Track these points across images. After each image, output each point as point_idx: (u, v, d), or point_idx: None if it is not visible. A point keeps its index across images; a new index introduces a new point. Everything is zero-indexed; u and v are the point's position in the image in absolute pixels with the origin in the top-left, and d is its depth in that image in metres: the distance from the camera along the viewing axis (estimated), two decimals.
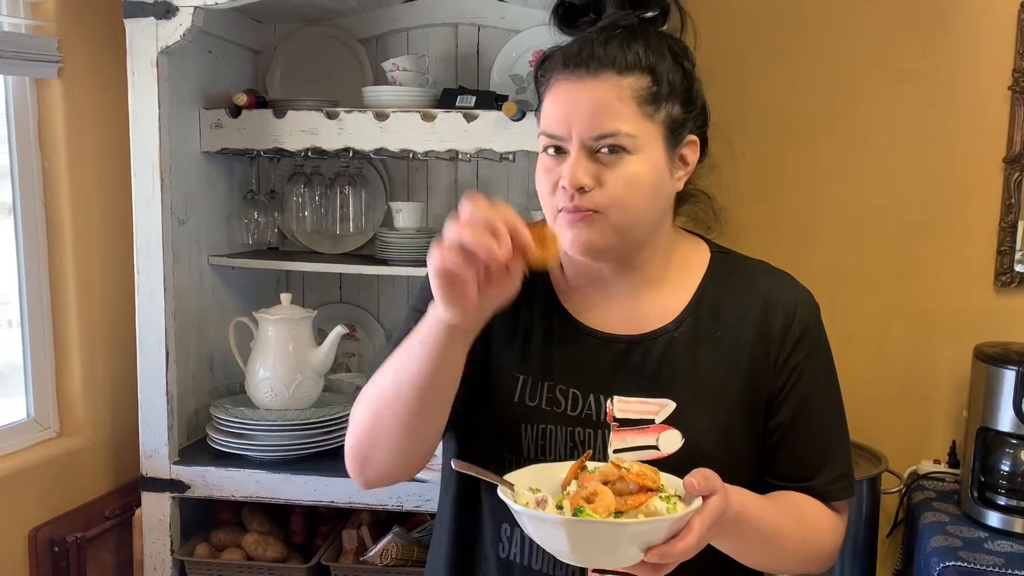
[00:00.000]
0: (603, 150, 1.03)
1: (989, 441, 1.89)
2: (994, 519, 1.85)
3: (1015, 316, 2.13)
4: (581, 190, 1.02)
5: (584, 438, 1.10)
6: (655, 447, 1.08)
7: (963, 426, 2.00)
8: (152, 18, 1.80)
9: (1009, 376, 1.83)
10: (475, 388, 1.11)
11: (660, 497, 0.94)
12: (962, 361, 2.02)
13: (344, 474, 1.17)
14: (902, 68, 2.16)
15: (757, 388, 1.11)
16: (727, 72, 2.21)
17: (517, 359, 1.12)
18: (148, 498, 1.93)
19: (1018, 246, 2.14)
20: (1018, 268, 2.13)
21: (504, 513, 1.12)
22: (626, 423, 1.09)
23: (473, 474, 1.00)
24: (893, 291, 2.22)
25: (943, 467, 2.15)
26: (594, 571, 1.08)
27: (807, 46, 2.20)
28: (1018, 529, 1.82)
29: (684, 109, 1.09)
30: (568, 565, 1.08)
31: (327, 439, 1.96)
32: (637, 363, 1.11)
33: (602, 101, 1.02)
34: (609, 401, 1.10)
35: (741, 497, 1.00)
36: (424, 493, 1.83)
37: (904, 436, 2.21)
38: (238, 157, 2.16)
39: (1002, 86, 2.09)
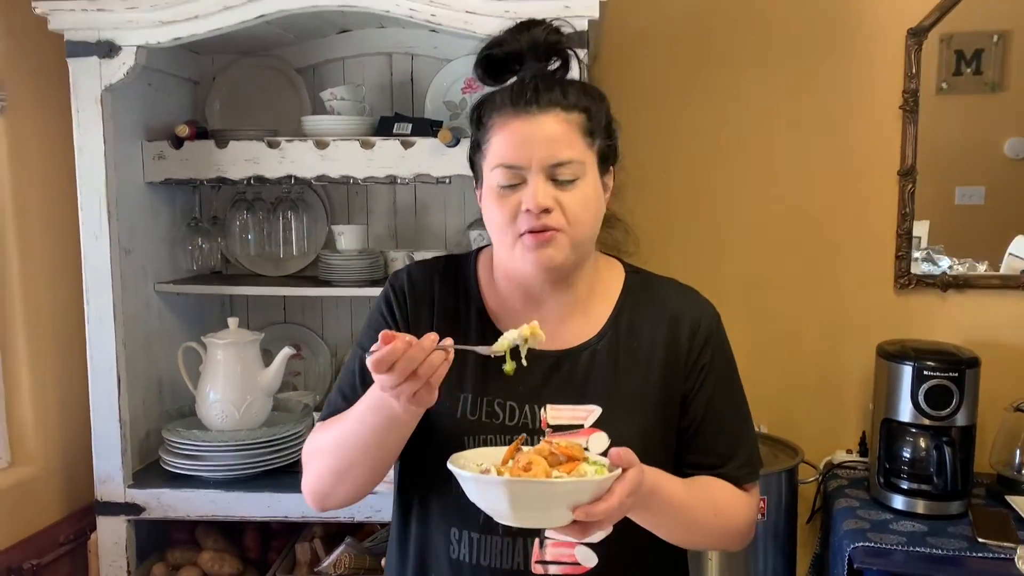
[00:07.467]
0: (560, 175, 1.16)
1: (892, 431, 2.06)
2: (898, 502, 2.02)
3: (914, 315, 2.32)
4: (545, 211, 1.16)
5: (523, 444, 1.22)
6: (585, 448, 1.20)
7: (870, 418, 2.17)
8: (95, 57, 1.86)
9: (907, 371, 2.00)
10: None
11: (588, 462, 1.07)
12: (868, 358, 2.19)
13: (296, 490, 1.28)
14: (804, 90, 2.33)
15: (671, 392, 1.26)
16: (644, 97, 2.37)
17: (456, 379, 1.23)
18: (103, 522, 1.98)
19: (913, 251, 2.33)
20: (914, 271, 2.32)
21: (453, 518, 1.23)
22: (559, 428, 1.22)
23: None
24: (803, 296, 2.39)
25: (855, 456, 2.33)
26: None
27: (716, 71, 2.36)
28: (920, 510, 1.99)
29: (607, 142, 1.24)
30: (511, 557, 1.21)
31: (278, 457, 2.03)
32: (565, 374, 1.24)
33: (557, 132, 1.17)
34: (543, 409, 1.22)
35: (655, 476, 1.13)
36: (375, 504, 1.92)
37: (819, 429, 2.38)
38: (181, 186, 2.21)
39: (894, 106, 2.28)
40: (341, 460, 1.19)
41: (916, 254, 2.33)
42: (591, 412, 1.21)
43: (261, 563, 2.13)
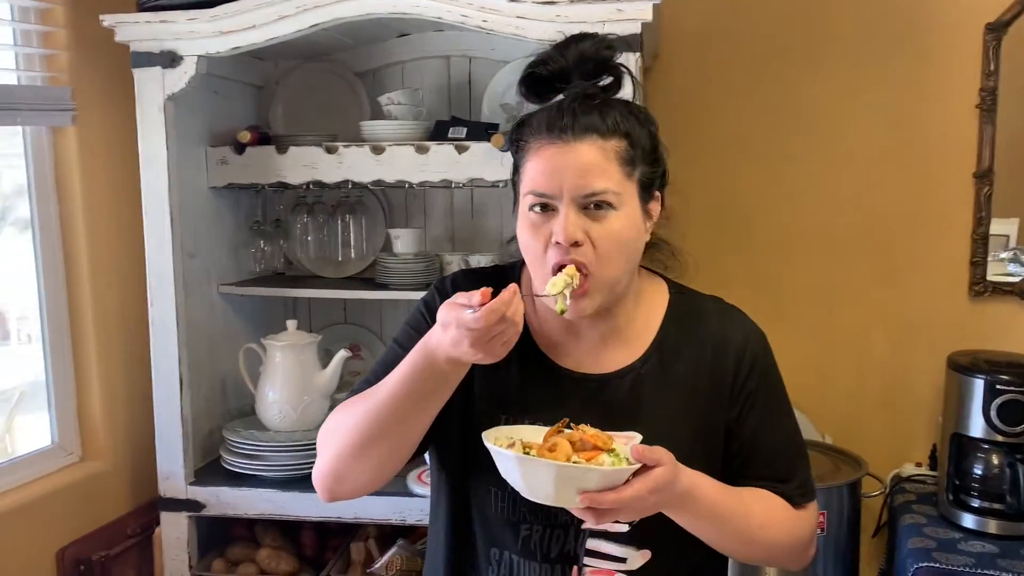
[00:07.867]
0: (592, 206, 1.12)
1: (962, 446, 1.97)
2: (968, 520, 1.94)
3: (989, 324, 2.21)
4: (575, 244, 1.12)
5: None
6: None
7: (940, 431, 2.08)
8: (159, 67, 1.92)
9: (979, 384, 1.91)
10: (459, 427, 1.21)
11: (610, 455, 1.08)
12: (939, 368, 2.09)
13: None
14: (875, 89, 2.24)
15: (714, 419, 1.22)
16: (704, 100, 2.32)
17: (498, 399, 1.22)
18: (166, 517, 2.04)
19: (1000, 251, 2.22)
20: (991, 278, 2.21)
21: (493, 538, 1.22)
22: None
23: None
24: (872, 303, 2.30)
25: (924, 470, 2.24)
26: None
27: (782, 70, 2.29)
28: (991, 530, 1.90)
29: (652, 168, 1.19)
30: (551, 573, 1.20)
31: None
32: (606, 399, 1.21)
33: (591, 162, 1.12)
34: None
35: (694, 478, 1.11)
36: (426, 508, 1.91)
37: (887, 441, 2.29)
38: (244, 190, 2.26)
39: (970, 104, 2.17)
40: (367, 434, 1.14)
41: (1003, 254, 2.22)
42: (631, 438, 1.18)
43: (317, 561, 2.17)
